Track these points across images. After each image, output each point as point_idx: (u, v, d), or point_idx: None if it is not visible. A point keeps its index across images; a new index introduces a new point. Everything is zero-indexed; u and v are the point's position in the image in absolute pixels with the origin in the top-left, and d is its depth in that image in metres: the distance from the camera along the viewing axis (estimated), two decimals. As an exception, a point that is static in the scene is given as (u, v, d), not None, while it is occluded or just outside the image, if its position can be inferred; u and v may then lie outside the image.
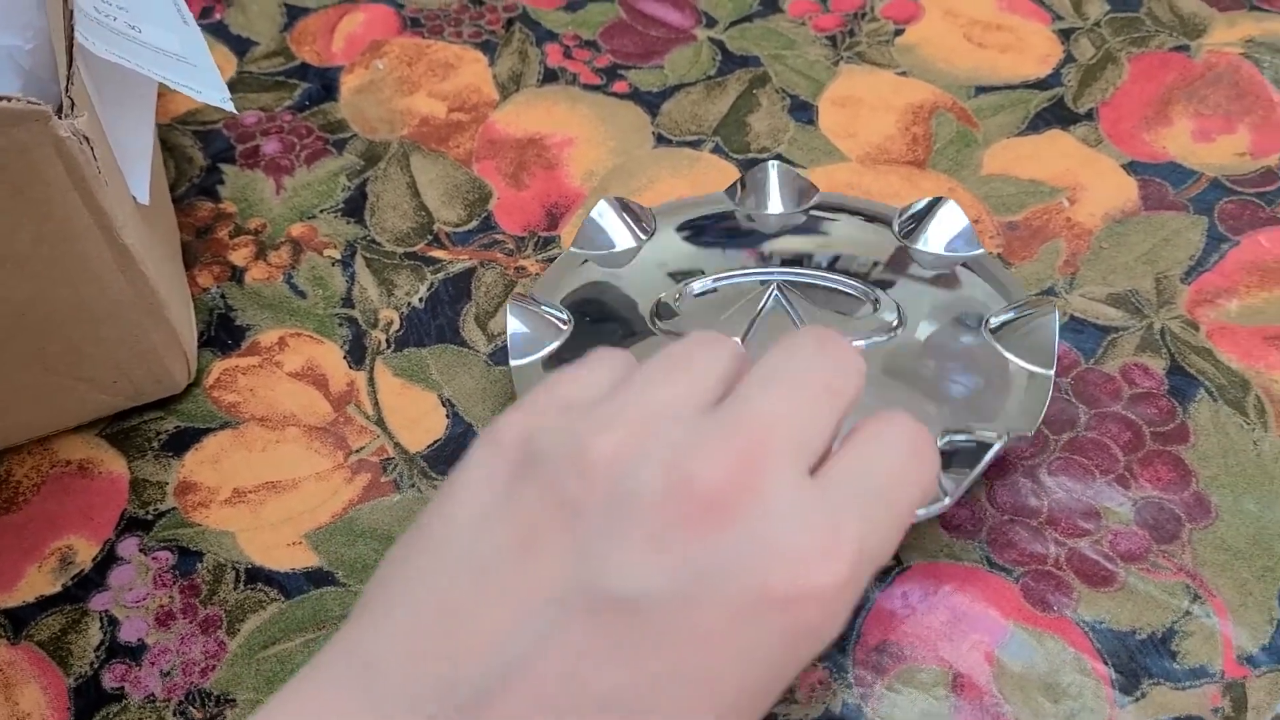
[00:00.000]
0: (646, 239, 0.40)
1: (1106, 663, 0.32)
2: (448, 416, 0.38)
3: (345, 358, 0.39)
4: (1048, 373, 0.35)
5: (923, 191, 0.43)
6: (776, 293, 0.38)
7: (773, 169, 0.41)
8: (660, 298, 0.38)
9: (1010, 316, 0.37)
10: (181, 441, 0.38)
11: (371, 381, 0.39)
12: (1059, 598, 0.33)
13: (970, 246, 0.39)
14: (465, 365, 0.39)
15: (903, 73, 0.47)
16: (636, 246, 0.40)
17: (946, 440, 0.34)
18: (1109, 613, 0.33)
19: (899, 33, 0.49)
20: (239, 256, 0.42)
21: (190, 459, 0.37)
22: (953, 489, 0.32)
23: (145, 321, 0.35)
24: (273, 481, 0.36)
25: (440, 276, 0.41)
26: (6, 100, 0.27)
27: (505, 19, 0.50)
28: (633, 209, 0.41)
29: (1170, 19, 0.48)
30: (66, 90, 0.30)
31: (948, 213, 0.39)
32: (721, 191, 0.42)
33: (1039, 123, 0.45)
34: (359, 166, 0.45)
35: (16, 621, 0.34)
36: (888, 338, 0.37)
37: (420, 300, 0.41)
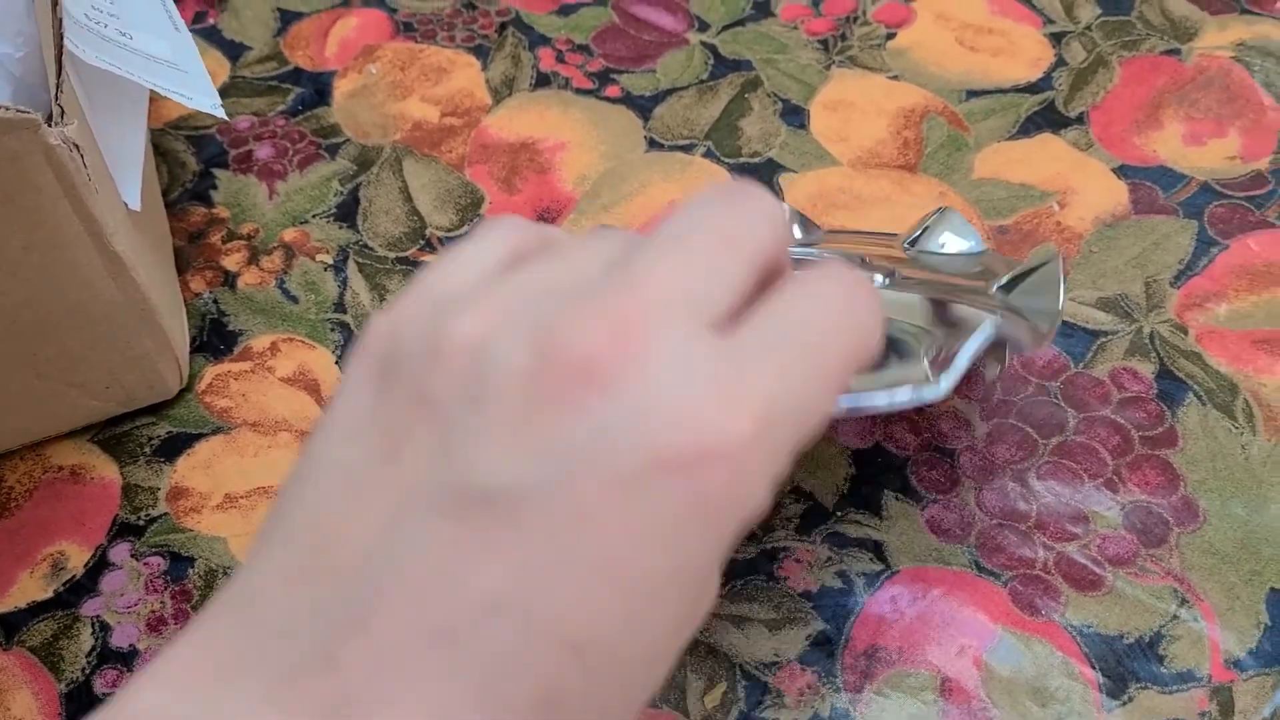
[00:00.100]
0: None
1: (1094, 667, 0.32)
2: (439, 421, 0.38)
3: (337, 363, 0.40)
4: (1054, 305, 0.33)
5: (914, 195, 0.43)
6: None
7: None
8: None
9: (1016, 272, 0.35)
10: (173, 447, 0.38)
11: (363, 386, 0.39)
12: (1047, 602, 0.33)
13: (977, 246, 0.39)
14: (457, 370, 0.39)
15: (894, 77, 0.47)
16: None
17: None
18: (1097, 617, 0.33)
19: (890, 36, 0.49)
20: (231, 261, 0.42)
21: (182, 464, 0.37)
22: (948, 382, 0.30)
23: (137, 327, 0.35)
24: (265, 487, 0.37)
25: (432, 281, 0.41)
26: (-5, 109, 0.27)
27: (498, 23, 0.50)
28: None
29: (1161, 22, 0.48)
30: (56, 98, 0.30)
31: (952, 219, 0.39)
32: None
33: (1030, 126, 0.45)
34: (351, 171, 0.45)
35: (8, 627, 0.34)
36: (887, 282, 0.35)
37: (412, 305, 0.41)
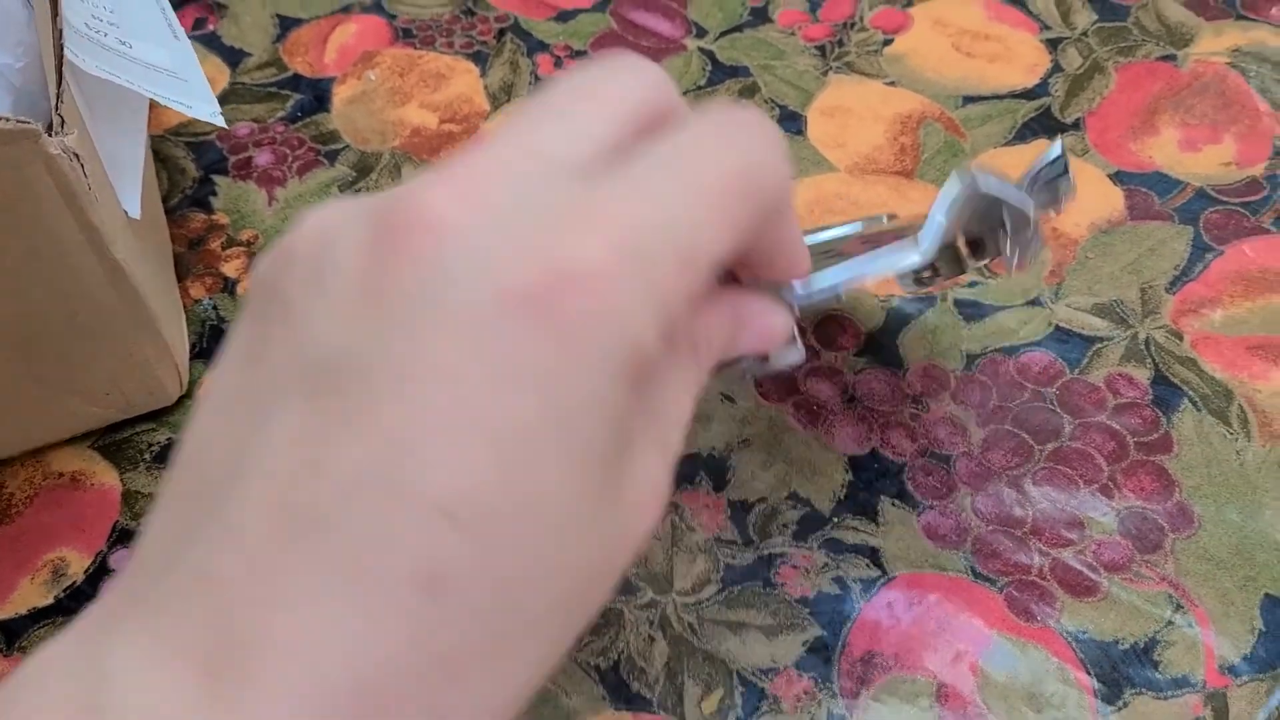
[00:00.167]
0: None
1: (1089, 672, 0.32)
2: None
3: (336, 369, 0.40)
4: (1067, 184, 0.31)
5: (911, 202, 0.43)
6: None
7: None
8: None
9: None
10: (173, 453, 0.38)
11: (362, 393, 0.39)
12: (1043, 608, 0.33)
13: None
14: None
15: (891, 83, 0.47)
16: None
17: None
18: (1092, 622, 0.33)
19: (888, 42, 0.49)
20: (231, 268, 0.43)
21: (182, 470, 0.37)
22: (926, 242, 0.27)
23: (137, 334, 0.35)
24: (264, 493, 0.37)
25: (431, 287, 0.42)
26: (-4, 120, 0.27)
27: (497, 30, 0.51)
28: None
29: (1157, 28, 0.49)
30: (56, 108, 0.30)
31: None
32: None
33: (1026, 132, 0.45)
34: (351, 178, 0.45)
35: (9, 633, 0.34)
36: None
37: (411, 311, 0.41)
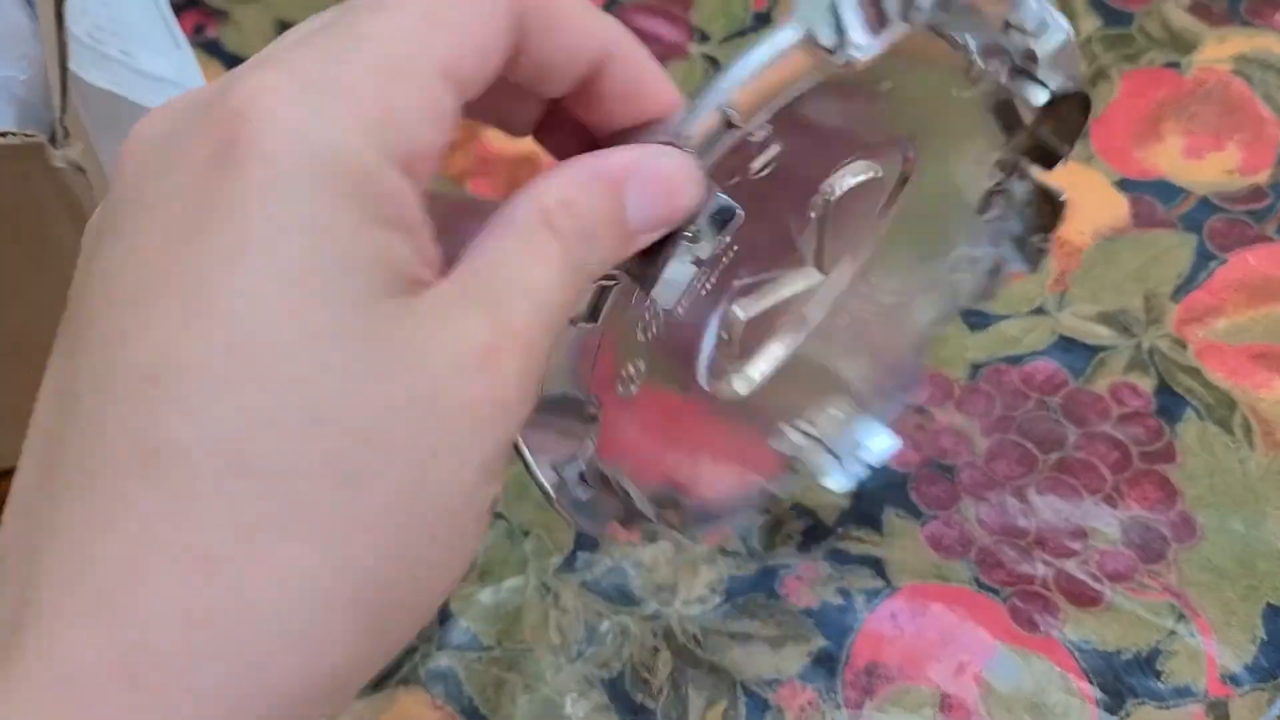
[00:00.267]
0: None
1: (1092, 682, 0.32)
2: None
3: (340, 377, 0.40)
4: None
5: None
6: None
7: None
8: None
9: None
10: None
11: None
12: (1046, 618, 0.33)
13: None
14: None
15: (895, 89, 0.47)
16: None
17: None
18: (1095, 632, 0.33)
19: (891, 48, 0.49)
20: (235, 275, 0.43)
21: (186, 479, 0.37)
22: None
23: (141, 344, 0.35)
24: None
25: (434, 295, 0.42)
26: (2, 135, 0.27)
27: (500, 35, 0.50)
28: None
29: (1162, 35, 0.49)
30: (61, 120, 0.30)
31: None
32: None
33: (1030, 139, 0.45)
34: (354, 184, 0.45)
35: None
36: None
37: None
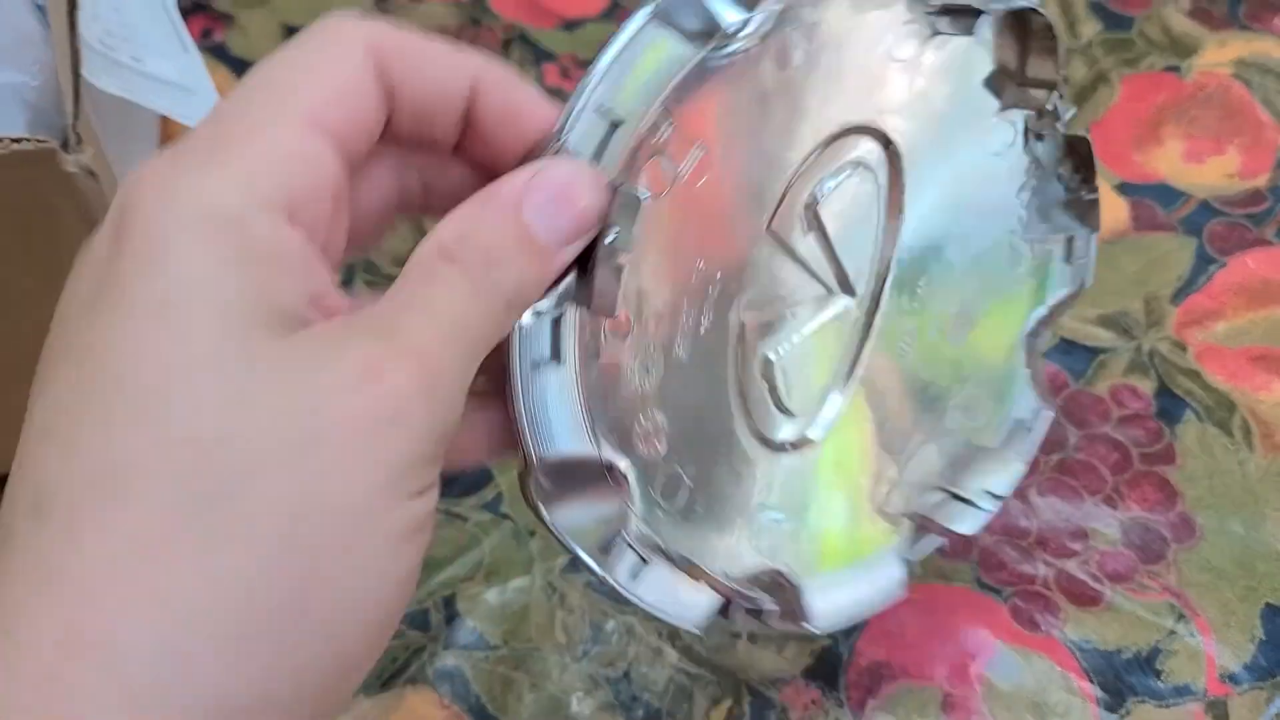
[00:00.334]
0: None
1: (1093, 681, 0.32)
2: (448, 438, 0.38)
3: (347, 379, 0.40)
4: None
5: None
6: None
7: None
8: None
9: None
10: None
11: (373, 403, 0.39)
12: (1047, 617, 0.34)
13: None
14: (465, 387, 0.40)
15: (896, 92, 0.48)
16: None
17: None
18: (1095, 632, 0.33)
19: (893, 52, 0.49)
20: (242, 278, 0.43)
21: (195, 481, 0.38)
22: None
23: (150, 347, 0.36)
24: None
25: (440, 298, 0.42)
26: (15, 141, 0.28)
27: (503, 39, 0.51)
28: None
29: (1162, 39, 0.49)
30: (73, 125, 0.30)
31: None
32: None
33: (1030, 143, 0.45)
34: (360, 188, 0.46)
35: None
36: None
37: (420, 322, 0.41)
